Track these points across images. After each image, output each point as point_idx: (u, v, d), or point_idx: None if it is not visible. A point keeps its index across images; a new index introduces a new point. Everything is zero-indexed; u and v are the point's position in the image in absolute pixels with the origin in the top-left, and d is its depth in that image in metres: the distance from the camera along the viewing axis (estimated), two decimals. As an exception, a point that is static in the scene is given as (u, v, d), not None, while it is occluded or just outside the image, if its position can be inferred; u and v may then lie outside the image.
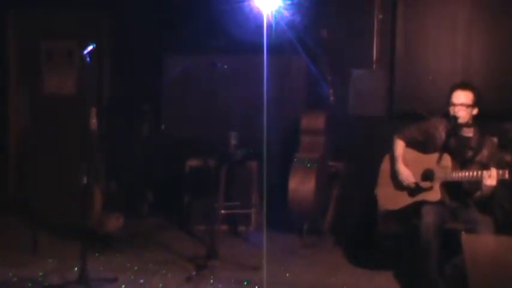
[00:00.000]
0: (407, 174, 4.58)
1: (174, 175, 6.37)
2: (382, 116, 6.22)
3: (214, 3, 5.94)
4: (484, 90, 5.62)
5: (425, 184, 4.49)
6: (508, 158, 4.92)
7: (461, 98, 4.43)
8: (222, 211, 5.79)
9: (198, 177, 6.12)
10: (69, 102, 6.77)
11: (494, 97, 5.83)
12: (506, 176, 4.09)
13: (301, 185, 5.50)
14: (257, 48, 4.86)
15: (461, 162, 4.42)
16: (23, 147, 7.01)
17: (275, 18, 5.12)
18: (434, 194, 4.40)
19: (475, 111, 4.47)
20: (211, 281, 4.69)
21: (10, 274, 4.76)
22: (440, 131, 4.55)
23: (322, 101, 5.99)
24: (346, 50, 6.29)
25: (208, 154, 5.90)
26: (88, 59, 4.49)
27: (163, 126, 6.73)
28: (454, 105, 4.42)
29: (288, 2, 5.43)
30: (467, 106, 4.42)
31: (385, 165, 4.82)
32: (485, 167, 4.24)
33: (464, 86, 4.50)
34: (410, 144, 4.70)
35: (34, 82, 6.98)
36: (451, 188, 4.42)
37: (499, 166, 4.17)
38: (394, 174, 4.68)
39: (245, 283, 4.70)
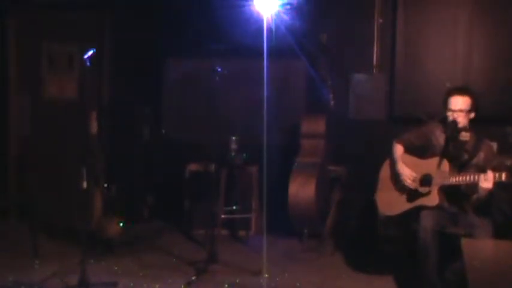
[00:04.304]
0: (408, 173, 4.57)
1: (174, 179, 6.38)
2: (382, 120, 6.23)
3: (214, 7, 5.95)
4: (485, 94, 5.65)
5: (423, 189, 4.49)
6: (508, 162, 4.92)
7: (459, 103, 4.41)
8: (222, 215, 5.79)
9: (198, 181, 6.13)
10: (70, 106, 6.76)
11: (495, 101, 5.83)
12: (503, 178, 4.07)
13: (302, 190, 5.50)
14: (257, 52, 4.87)
15: (459, 166, 4.42)
16: (23, 151, 7.00)
17: (275, 22, 5.13)
18: (433, 199, 4.40)
19: (472, 115, 4.46)
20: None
21: (10, 279, 4.76)
22: (438, 136, 4.56)
23: (322, 105, 5.99)
24: (346, 54, 6.30)
25: (208, 158, 5.90)
26: (88, 63, 4.50)
27: (163, 131, 6.74)
28: (453, 111, 4.41)
29: (288, 6, 5.44)
30: (466, 112, 4.41)
31: (384, 171, 4.83)
32: (481, 170, 4.23)
33: (461, 91, 4.47)
34: (408, 149, 4.70)
35: (34, 86, 6.97)
36: (449, 192, 4.42)
37: (496, 169, 4.16)
38: (394, 179, 4.69)
39: (226, 286, 4.70)
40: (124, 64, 6.81)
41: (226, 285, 4.70)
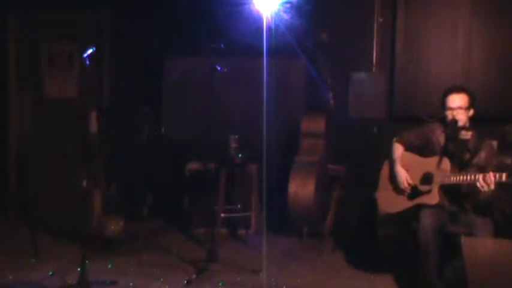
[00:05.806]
0: (404, 176, 4.59)
1: (174, 178, 6.38)
2: (382, 119, 6.23)
3: (214, 6, 5.95)
4: (484, 93, 5.67)
5: (424, 187, 4.49)
6: (508, 161, 4.92)
7: (457, 101, 4.44)
8: (222, 214, 5.79)
9: (198, 180, 6.12)
10: (69, 105, 6.77)
11: (494, 100, 5.84)
12: (504, 178, 4.07)
13: (301, 188, 5.49)
14: (257, 51, 4.86)
15: (460, 165, 4.43)
16: (23, 150, 7.01)
17: (275, 21, 5.13)
18: (433, 198, 4.40)
19: (471, 113, 4.48)
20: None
21: (10, 277, 4.76)
22: (438, 135, 4.56)
23: (322, 104, 5.99)
24: (346, 53, 6.30)
25: (208, 157, 5.90)
26: (88, 62, 4.49)
27: (163, 129, 6.74)
28: (452, 109, 4.43)
29: (288, 5, 5.44)
30: (465, 109, 4.43)
31: (385, 169, 4.83)
32: (482, 170, 4.23)
33: (458, 89, 4.51)
34: (408, 148, 4.71)
35: (34, 85, 6.98)
36: (450, 191, 4.42)
37: (496, 169, 4.16)
38: (393, 177, 4.69)
39: (220, 284, 4.71)
40: (124, 64, 6.81)
41: (220, 284, 4.70)
